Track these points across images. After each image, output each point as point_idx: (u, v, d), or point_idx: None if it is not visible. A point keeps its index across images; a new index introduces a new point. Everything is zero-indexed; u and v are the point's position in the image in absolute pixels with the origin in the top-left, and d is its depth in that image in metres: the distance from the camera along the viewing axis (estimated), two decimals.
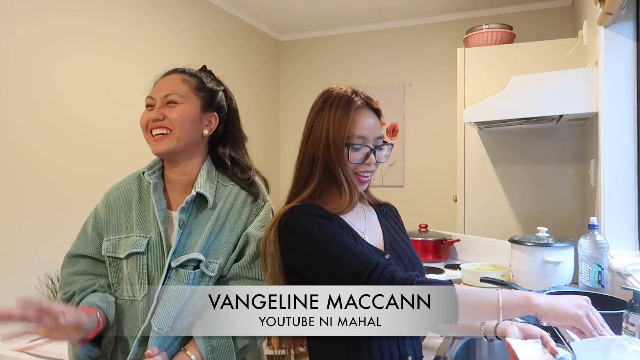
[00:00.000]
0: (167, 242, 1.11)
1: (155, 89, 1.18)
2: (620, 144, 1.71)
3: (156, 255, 1.11)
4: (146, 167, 1.20)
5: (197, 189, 1.14)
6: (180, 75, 1.19)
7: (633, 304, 1.04)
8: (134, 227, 1.14)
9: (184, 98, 1.15)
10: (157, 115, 1.13)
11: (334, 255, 0.95)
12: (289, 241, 1.02)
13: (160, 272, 1.08)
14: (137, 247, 1.11)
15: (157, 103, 1.15)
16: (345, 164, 1.05)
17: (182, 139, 1.14)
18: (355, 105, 1.06)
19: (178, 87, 1.16)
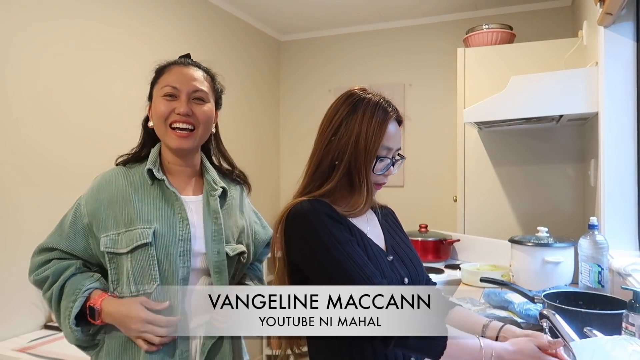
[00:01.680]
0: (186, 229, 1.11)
1: (179, 79, 1.14)
2: (620, 144, 1.71)
3: (166, 245, 1.09)
4: (150, 162, 1.16)
5: (220, 184, 1.20)
6: (199, 71, 1.19)
7: (633, 304, 1.04)
8: (135, 220, 1.11)
9: (208, 96, 1.17)
10: (187, 109, 1.12)
11: (339, 263, 0.95)
12: (294, 236, 1.01)
13: (171, 261, 1.08)
14: (142, 238, 1.08)
15: (184, 96, 1.13)
16: (371, 173, 1.05)
17: (202, 138, 1.17)
18: (390, 116, 1.06)
19: (202, 84, 1.16)
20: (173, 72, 1.16)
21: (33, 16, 2.02)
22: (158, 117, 1.13)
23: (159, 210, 1.12)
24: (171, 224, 1.11)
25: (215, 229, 1.14)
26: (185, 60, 1.20)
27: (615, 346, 0.87)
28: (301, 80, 3.89)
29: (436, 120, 3.40)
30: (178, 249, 1.09)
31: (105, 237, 1.11)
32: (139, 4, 2.56)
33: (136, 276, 1.09)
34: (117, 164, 1.21)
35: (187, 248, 1.10)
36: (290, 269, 1.04)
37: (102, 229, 1.12)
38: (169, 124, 1.12)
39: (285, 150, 3.90)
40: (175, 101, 1.13)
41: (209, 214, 1.16)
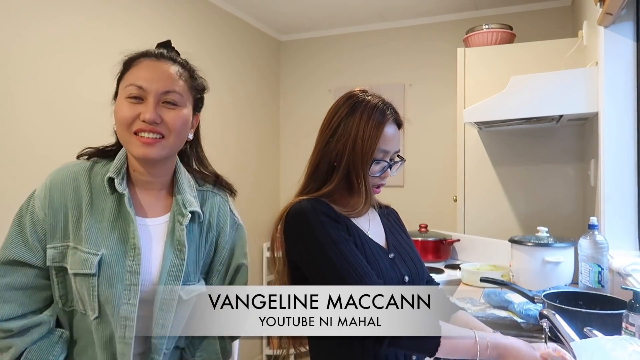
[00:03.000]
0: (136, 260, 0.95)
1: (146, 77, 0.96)
2: (620, 144, 1.71)
3: (110, 276, 0.94)
4: (113, 171, 0.99)
5: (189, 209, 1.01)
6: (174, 66, 1.00)
7: (633, 304, 1.04)
8: (83, 238, 0.95)
9: (184, 99, 0.99)
10: (154, 117, 0.93)
11: (331, 262, 0.95)
12: (293, 235, 1.02)
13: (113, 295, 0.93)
14: (84, 268, 0.93)
15: (151, 99, 0.94)
16: (369, 175, 1.05)
17: (174, 147, 1.00)
18: (387, 119, 1.06)
19: (177, 83, 0.98)
20: (141, 68, 0.98)
21: (33, 15, 2.02)
22: (120, 122, 0.96)
23: (111, 232, 0.96)
24: (121, 252, 0.96)
25: (175, 263, 0.99)
26: (158, 52, 1.02)
27: (616, 346, 0.87)
28: (301, 80, 3.89)
29: (436, 120, 3.40)
30: (124, 281, 0.95)
31: (52, 249, 0.97)
32: (140, 4, 2.56)
33: (82, 298, 0.97)
34: (79, 156, 1.05)
35: (134, 282, 0.95)
36: (290, 267, 1.04)
37: (50, 237, 0.97)
38: (132, 131, 0.95)
39: (285, 149, 3.90)
40: (141, 104, 0.95)
41: (172, 245, 1.00)
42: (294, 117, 3.89)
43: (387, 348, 0.91)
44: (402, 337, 0.90)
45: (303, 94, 3.87)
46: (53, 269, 0.97)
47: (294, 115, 3.89)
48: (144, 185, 1.03)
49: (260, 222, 3.55)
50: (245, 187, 3.41)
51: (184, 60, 1.05)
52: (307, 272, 1.00)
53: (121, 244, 0.96)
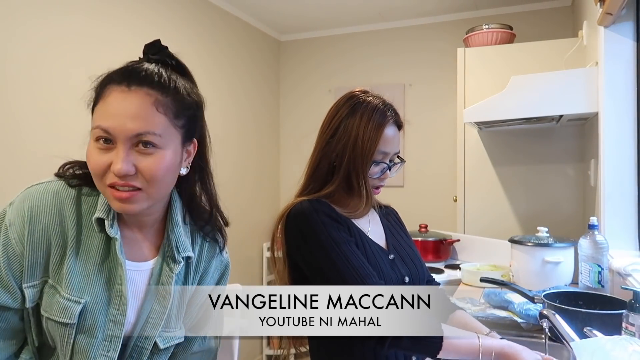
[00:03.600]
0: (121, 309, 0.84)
1: (109, 114, 0.76)
2: (620, 144, 1.71)
3: (91, 327, 0.82)
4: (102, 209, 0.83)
5: (183, 254, 0.89)
6: (149, 94, 0.78)
7: (633, 304, 1.04)
8: (64, 280, 0.81)
9: (164, 138, 0.78)
10: (126, 168, 0.75)
11: (333, 263, 0.95)
12: (294, 235, 1.02)
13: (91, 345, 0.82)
14: (63, 317, 0.80)
15: (121, 144, 0.76)
16: (368, 176, 1.05)
17: (157, 197, 0.82)
18: (387, 121, 1.06)
19: (154, 119, 0.77)
20: (109, 102, 0.78)
21: (30, 15, 2.02)
22: (92, 171, 0.79)
23: (97, 276, 0.83)
24: (106, 299, 0.83)
25: (156, 309, 0.87)
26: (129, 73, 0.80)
27: (616, 346, 0.87)
28: (301, 80, 3.89)
29: (436, 120, 3.40)
30: (106, 331, 0.83)
31: (30, 288, 0.82)
32: (140, 3, 2.56)
33: (54, 341, 0.84)
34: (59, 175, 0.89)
35: (116, 333, 0.84)
36: (290, 267, 1.04)
37: (28, 276, 0.81)
38: (106, 183, 0.78)
39: (286, 149, 3.90)
40: (111, 151, 0.76)
41: (156, 292, 0.88)
42: (294, 117, 3.89)
43: (389, 349, 0.91)
44: (403, 338, 0.90)
45: (303, 94, 3.87)
46: (30, 309, 0.83)
47: (294, 115, 3.89)
48: (133, 224, 0.89)
49: (260, 222, 3.55)
50: (245, 187, 3.42)
51: (166, 78, 0.82)
52: (309, 272, 1.00)
53: (106, 290, 0.84)
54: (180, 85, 0.83)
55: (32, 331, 0.86)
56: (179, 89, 0.83)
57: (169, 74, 0.83)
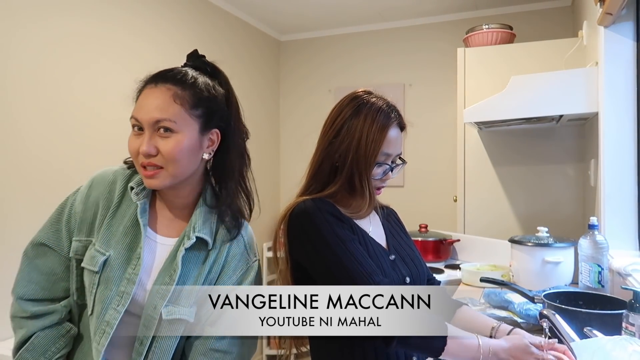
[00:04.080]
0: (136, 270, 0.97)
1: (140, 107, 0.96)
2: (620, 144, 1.71)
3: (109, 279, 0.96)
4: (135, 182, 1.02)
5: (197, 233, 1.00)
6: (169, 89, 0.96)
7: (633, 304, 1.04)
8: (100, 236, 0.99)
9: (178, 124, 0.94)
10: (149, 149, 0.93)
11: (340, 260, 0.95)
12: (298, 234, 1.02)
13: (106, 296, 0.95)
14: (91, 264, 0.97)
15: (146, 129, 0.95)
16: (371, 178, 1.05)
17: (178, 175, 0.97)
18: (391, 122, 1.06)
19: (169, 109, 0.94)
20: (141, 97, 0.98)
21: (31, 17, 2.02)
22: (130, 154, 0.99)
23: (123, 236, 0.99)
24: (126, 257, 0.98)
25: (166, 281, 0.98)
26: (159, 75, 0.99)
27: (616, 346, 0.87)
28: (301, 80, 3.89)
29: (436, 120, 3.40)
30: (120, 287, 0.96)
31: (77, 241, 1.02)
32: (140, 4, 2.56)
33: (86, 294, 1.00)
34: (125, 161, 1.08)
35: (128, 290, 0.96)
36: (292, 267, 1.04)
37: (77, 230, 1.02)
38: (139, 163, 0.97)
39: (286, 150, 3.90)
40: (141, 136, 0.95)
41: (169, 264, 0.99)
42: (294, 117, 3.89)
43: (395, 348, 0.91)
44: (411, 337, 0.91)
45: (303, 94, 3.87)
46: (75, 260, 1.01)
47: (294, 115, 3.89)
48: (166, 202, 1.05)
49: (260, 222, 3.54)
50: None
51: (188, 78, 0.98)
52: (314, 272, 1.00)
53: (128, 250, 0.99)
54: (201, 82, 0.99)
55: (74, 284, 1.02)
56: (198, 85, 0.98)
57: (193, 73, 1.00)
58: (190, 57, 1.07)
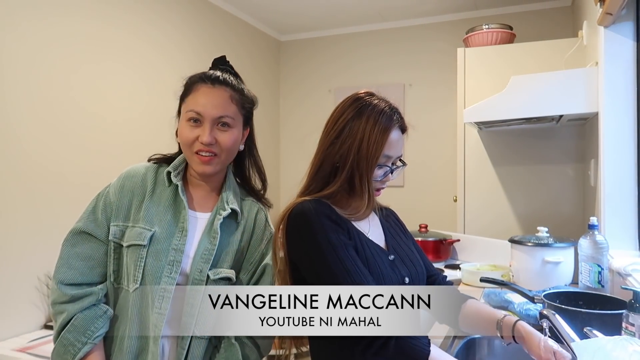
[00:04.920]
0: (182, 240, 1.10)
1: (203, 104, 1.11)
2: (620, 144, 1.71)
3: (158, 251, 1.08)
4: (172, 167, 1.17)
5: (230, 205, 1.15)
6: (228, 91, 1.14)
7: (633, 304, 1.04)
8: (141, 218, 1.12)
9: (235, 121, 1.14)
10: (210, 139, 1.09)
11: (328, 266, 0.95)
12: (293, 235, 1.02)
13: (158, 267, 1.08)
14: (139, 240, 1.09)
15: (207, 124, 1.10)
16: (372, 179, 1.05)
17: (226, 162, 1.16)
18: (394, 125, 1.06)
19: (229, 107, 1.13)
20: (199, 95, 1.12)
21: (28, 16, 2.02)
22: (183, 142, 1.13)
23: (164, 214, 1.12)
24: (171, 231, 1.11)
25: (207, 247, 1.11)
26: (214, 76, 1.15)
27: (616, 346, 0.87)
28: (301, 80, 3.89)
29: (436, 120, 3.40)
30: (169, 257, 1.08)
31: (115, 226, 1.12)
32: (139, 4, 2.56)
33: (128, 272, 1.10)
34: (149, 160, 1.22)
35: (177, 259, 1.09)
36: (291, 267, 1.04)
37: (115, 217, 1.13)
38: (194, 151, 1.11)
39: (286, 150, 3.90)
40: (199, 127, 1.10)
41: (209, 232, 1.13)
42: (294, 117, 3.89)
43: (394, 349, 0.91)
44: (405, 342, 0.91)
45: (303, 94, 3.87)
46: (112, 243, 1.12)
47: (294, 115, 3.89)
48: (196, 185, 1.19)
49: None
50: None
51: (236, 82, 1.17)
52: (305, 273, 1.00)
53: (172, 225, 1.11)
54: (244, 88, 1.20)
55: (111, 265, 1.12)
56: (243, 91, 1.19)
57: (236, 80, 1.19)
58: (220, 61, 1.22)
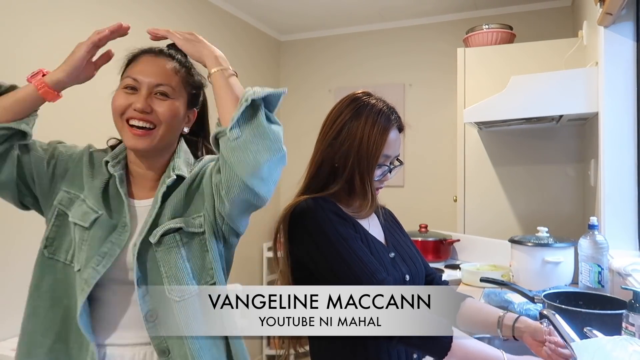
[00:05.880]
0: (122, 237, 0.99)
1: (141, 70, 1.03)
2: (620, 144, 1.71)
3: (94, 237, 0.98)
4: (110, 156, 1.07)
5: (176, 172, 1.03)
6: (171, 62, 1.05)
7: (633, 304, 1.04)
8: (93, 196, 1.02)
9: (175, 92, 1.03)
10: (144, 106, 0.99)
11: (343, 259, 0.95)
12: (300, 233, 1.02)
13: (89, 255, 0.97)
14: (82, 220, 0.99)
15: (143, 90, 1.01)
16: (373, 179, 1.05)
17: (164, 138, 1.03)
18: (392, 125, 1.06)
19: (171, 77, 1.03)
20: (140, 63, 1.05)
21: (35, 20, 2.02)
22: (114, 110, 1.03)
23: (109, 202, 1.03)
24: (113, 224, 1.01)
25: (146, 220, 1.00)
26: (158, 49, 1.08)
27: (616, 347, 0.87)
28: (301, 80, 3.89)
29: (436, 120, 3.40)
30: (102, 248, 0.98)
31: (65, 192, 1.03)
32: (138, 4, 2.56)
33: (73, 247, 1.01)
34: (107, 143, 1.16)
35: (111, 253, 0.97)
36: (292, 267, 1.04)
37: (70, 182, 1.04)
38: (125, 119, 1.01)
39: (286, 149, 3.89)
40: (134, 95, 1.01)
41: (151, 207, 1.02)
42: (294, 117, 3.89)
43: (397, 344, 0.92)
44: (412, 337, 0.91)
45: (303, 94, 3.87)
46: (57, 209, 1.03)
47: (294, 115, 3.89)
48: (137, 176, 1.08)
49: (260, 222, 3.53)
50: None
51: (182, 58, 1.08)
52: (316, 270, 1.00)
53: (115, 215, 1.01)
54: (192, 67, 1.10)
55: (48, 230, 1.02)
56: (190, 69, 1.09)
57: (185, 59, 1.09)
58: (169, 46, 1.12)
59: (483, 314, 1.09)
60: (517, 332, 1.02)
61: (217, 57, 1.00)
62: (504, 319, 1.04)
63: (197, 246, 1.00)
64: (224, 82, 0.98)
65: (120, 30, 1.08)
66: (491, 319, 1.06)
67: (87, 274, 0.96)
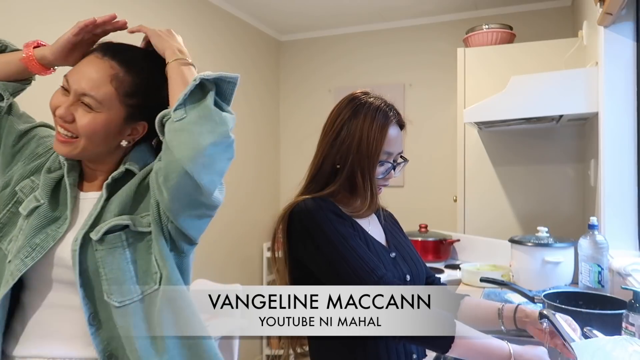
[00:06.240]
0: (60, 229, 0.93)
1: (76, 71, 0.93)
2: (620, 144, 1.71)
3: (33, 227, 0.91)
4: None
5: (126, 166, 0.96)
6: (112, 68, 0.92)
7: (633, 304, 1.04)
8: (43, 186, 0.96)
9: (102, 105, 0.91)
10: (65, 114, 0.90)
11: (343, 257, 0.96)
12: (299, 232, 1.02)
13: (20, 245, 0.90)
14: (24, 209, 0.94)
15: (71, 95, 0.91)
16: (374, 177, 1.05)
17: (88, 150, 0.93)
18: (391, 121, 1.06)
19: (102, 88, 0.91)
20: (82, 62, 0.95)
21: (34, 19, 2.02)
22: (50, 107, 0.95)
23: (59, 195, 0.97)
24: (54, 217, 0.94)
25: (90, 212, 0.93)
26: (110, 46, 0.97)
27: (616, 347, 0.87)
28: (301, 80, 3.89)
29: (436, 120, 3.40)
30: (35, 239, 0.90)
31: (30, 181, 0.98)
32: (138, 4, 2.56)
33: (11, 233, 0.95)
34: None
35: (43, 246, 0.90)
36: (290, 266, 1.04)
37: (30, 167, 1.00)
38: (55, 121, 0.94)
39: (286, 150, 3.90)
40: (65, 97, 0.93)
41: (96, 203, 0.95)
42: (294, 117, 3.89)
43: (400, 340, 0.93)
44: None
45: (303, 94, 3.87)
46: (17, 196, 0.97)
47: (294, 115, 3.89)
48: (90, 170, 1.00)
49: (260, 222, 3.55)
50: (245, 187, 3.41)
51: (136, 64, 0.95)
52: (316, 269, 1.00)
53: (58, 205, 0.96)
54: (146, 72, 0.95)
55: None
56: (142, 74, 0.95)
57: (145, 63, 0.96)
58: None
59: (482, 308, 1.10)
60: (520, 322, 1.03)
61: (178, 50, 0.93)
62: (504, 310, 1.05)
63: (143, 248, 0.92)
64: (177, 69, 0.91)
65: (113, 23, 1.01)
66: (491, 312, 1.07)
67: (14, 265, 0.89)
